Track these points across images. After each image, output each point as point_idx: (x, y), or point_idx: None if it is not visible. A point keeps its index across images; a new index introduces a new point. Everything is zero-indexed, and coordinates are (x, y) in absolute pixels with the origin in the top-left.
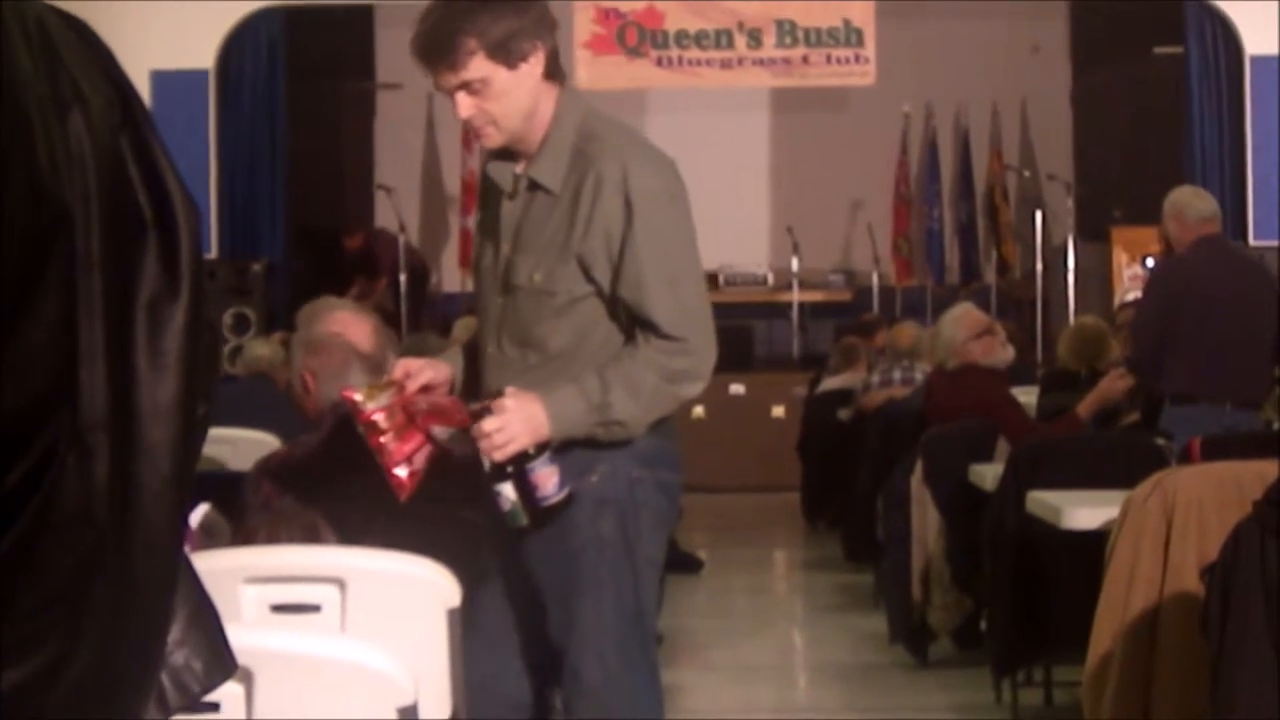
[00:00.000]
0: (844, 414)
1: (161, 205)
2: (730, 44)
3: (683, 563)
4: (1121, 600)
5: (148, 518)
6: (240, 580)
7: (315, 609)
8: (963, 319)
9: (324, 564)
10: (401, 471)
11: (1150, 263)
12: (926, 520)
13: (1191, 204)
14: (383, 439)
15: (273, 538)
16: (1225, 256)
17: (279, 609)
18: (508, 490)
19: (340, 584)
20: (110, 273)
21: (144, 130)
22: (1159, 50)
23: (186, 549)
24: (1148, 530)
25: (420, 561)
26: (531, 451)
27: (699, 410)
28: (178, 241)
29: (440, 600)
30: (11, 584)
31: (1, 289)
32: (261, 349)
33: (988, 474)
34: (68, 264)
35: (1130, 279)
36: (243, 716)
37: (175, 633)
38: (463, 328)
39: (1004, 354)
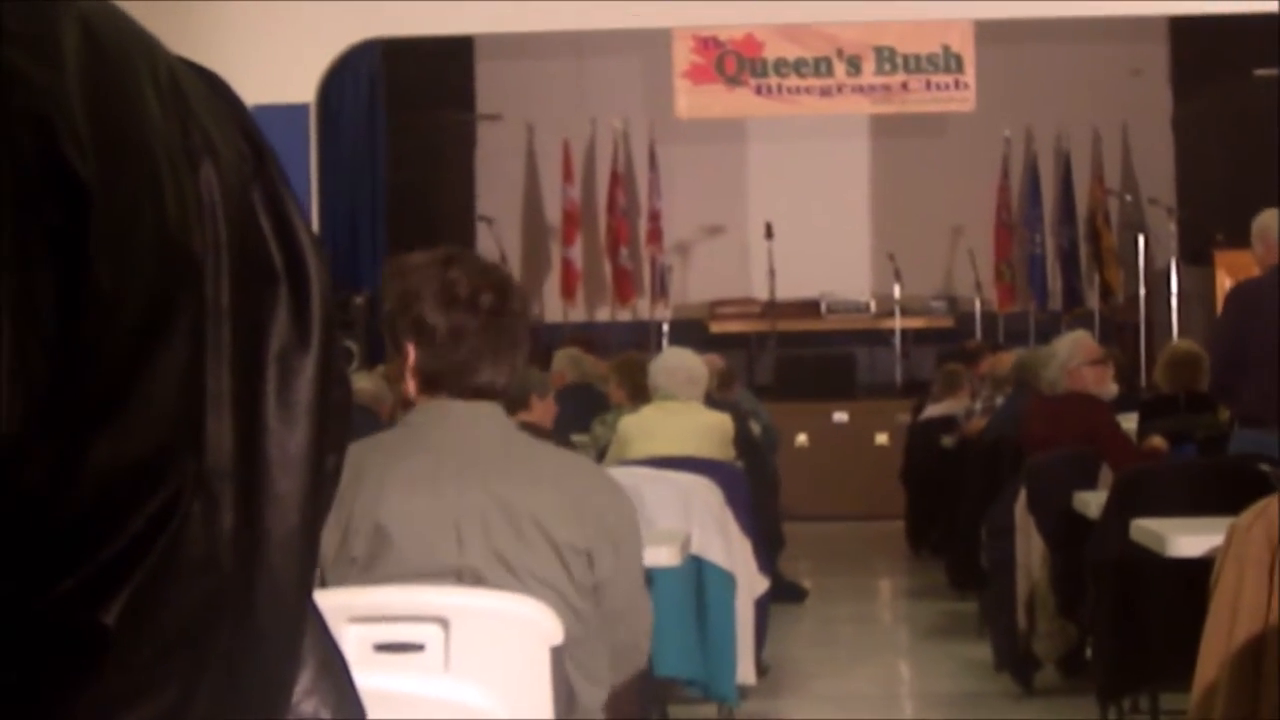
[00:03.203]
0: (947, 441)
1: (293, 258)
2: (829, 71)
3: (787, 592)
4: (1226, 628)
5: (274, 566)
6: (344, 620)
7: (419, 648)
8: (1081, 341)
9: (427, 603)
10: None
11: None
12: (1030, 548)
13: (1275, 225)
14: None
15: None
16: None
17: (382, 648)
18: None
19: (443, 623)
20: (239, 323)
21: (276, 183)
22: (1260, 72)
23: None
24: (1251, 558)
25: (523, 600)
26: None
27: (802, 439)
28: (309, 294)
29: (543, 638)
30: (134, 628)
31: (130, 334)
32: (364, 382)
33: (1091, 501)
34: (197, 313)
35: None
36: None
37: (304, 681)
38: (563, 358)
39: (1110, 388)
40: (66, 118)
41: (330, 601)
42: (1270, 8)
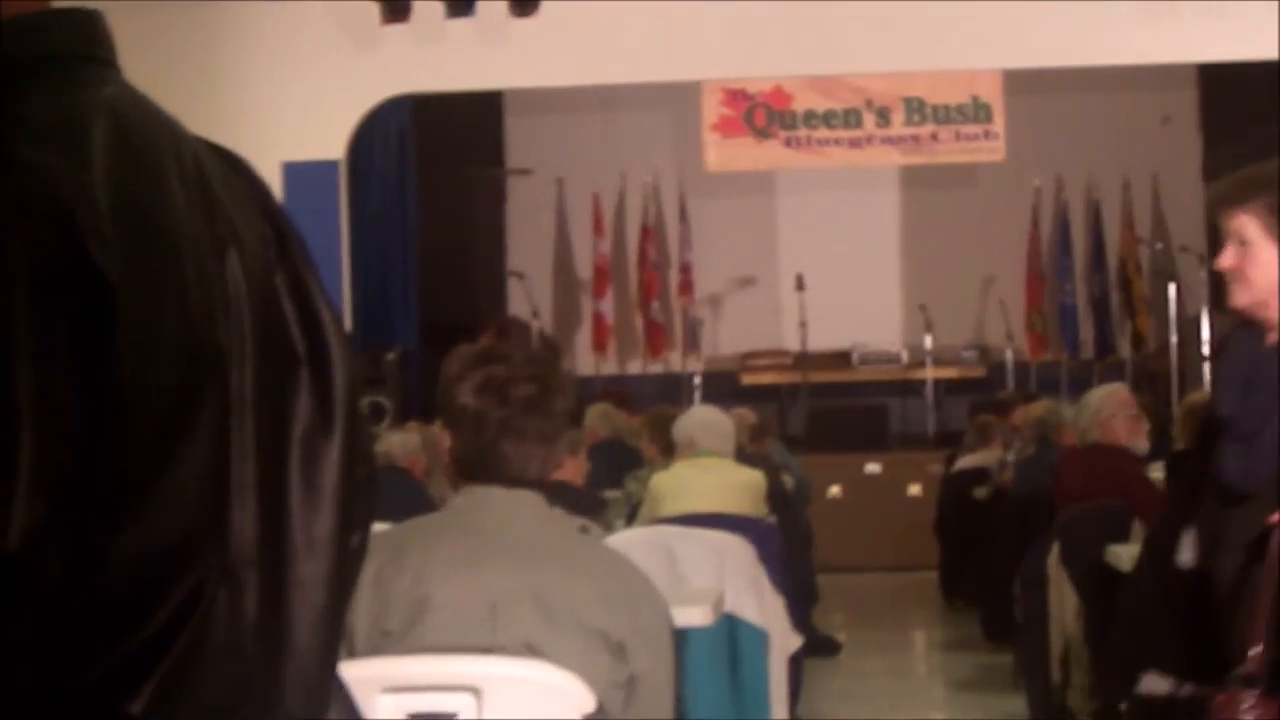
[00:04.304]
0: (980, 492)
1: (315, 341)
2: (859, 123)
3: (820, 645)
4: None
5: (300, 648)
6: (378, 690)
7: (452, 717)
8: (1117, 393)
9: (460, 672)
10: None
11: None
12: (1064, 601)
13: None
14: None
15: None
16: None
17: (416, 718)
18: None
19: (476, 692)
20: (263, 409)
21: (299, 265)
22: None
23: None
24: None
25: (553, 669)
26: None
27: (835, 490)
28: (331, 376)
29: (574, 706)
30: (162, 716)
31: (154, 428)
32: (397, 440)
33: (1124, 555)
34: (221, 402)
35: None
36: None
37: None
38: (595, 414)
39: (1142, 442)
40: (91, 212)
41: (364, 672)
42: None
